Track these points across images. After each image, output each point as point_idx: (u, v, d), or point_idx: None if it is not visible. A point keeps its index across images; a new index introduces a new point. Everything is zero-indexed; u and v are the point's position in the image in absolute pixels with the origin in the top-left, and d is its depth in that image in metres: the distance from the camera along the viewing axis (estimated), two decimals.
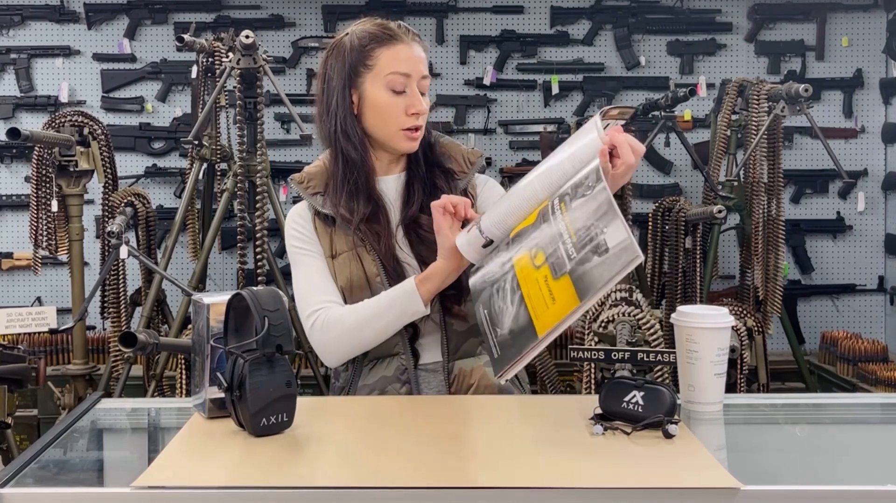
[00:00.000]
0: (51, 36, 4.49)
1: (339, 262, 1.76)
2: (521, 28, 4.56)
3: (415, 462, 1.29)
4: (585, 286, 1.32)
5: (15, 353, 2.85)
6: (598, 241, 1.32)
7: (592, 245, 1.33)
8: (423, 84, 1.76)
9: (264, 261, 3.32)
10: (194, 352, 1.55)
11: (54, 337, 3.89)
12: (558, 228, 1.40)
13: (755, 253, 3.79)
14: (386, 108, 1.74)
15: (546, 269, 1.39)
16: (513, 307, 1.43)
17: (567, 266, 1.35)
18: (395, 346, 1.75)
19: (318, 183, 1.82)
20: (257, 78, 3.25)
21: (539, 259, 1.41)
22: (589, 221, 1.35)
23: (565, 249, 1.37)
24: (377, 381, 1.77)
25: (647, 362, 1.61)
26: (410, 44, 1.76)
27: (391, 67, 1.74)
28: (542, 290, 1.38)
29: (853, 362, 3.90)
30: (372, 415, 1.55)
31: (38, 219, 3.47)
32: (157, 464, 1.29)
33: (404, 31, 1.77)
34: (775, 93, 3.59)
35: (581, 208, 1.38)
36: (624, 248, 1.29)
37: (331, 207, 1.78)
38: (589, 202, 1.37)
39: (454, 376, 1.76)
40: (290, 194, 4.51)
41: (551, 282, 1.37)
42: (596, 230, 1.33)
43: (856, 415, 1.74)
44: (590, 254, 1.33)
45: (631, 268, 1.29)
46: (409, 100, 1.74)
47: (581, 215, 1.37)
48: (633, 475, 1.24)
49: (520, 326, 1.40)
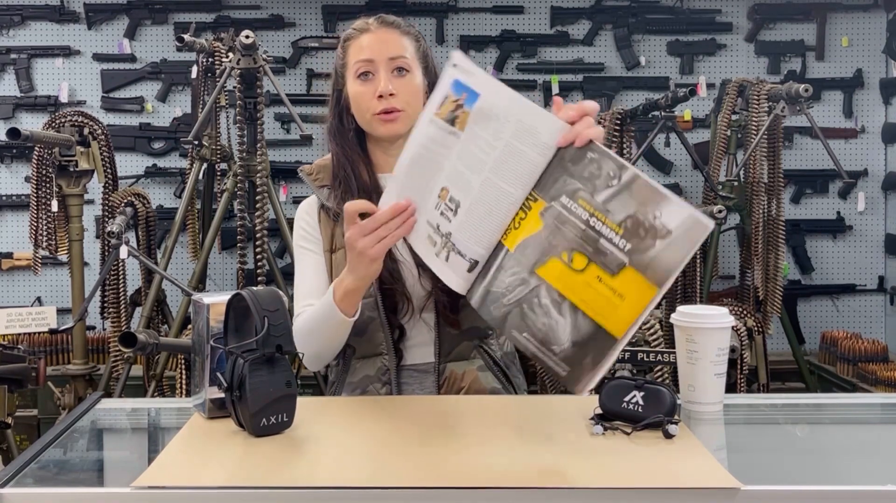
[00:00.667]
0: (51, 36, 4.49)
1: (338, 258, 1.77)
2: (521, 28, 4.56)
3: (415, 462, 1.29)
4: (660, 272, 1.27)
5: (15, 353, 2.86)
6: (655, 226, 1.28)
7: (649, 232, 1.29)
8: (393, 64, 1.72)
9: (264, 261, 3.32)
10: (194, 352, 1.54)
11: (54, 337, 3.89)
12: (590, 225, 1.34)
13: (755, 253, 3.80)
14: (356, 98, 1.75)
15: (595, 269, 1.32)
16: (565, 318, 1.34)
17: (624, 259, 1.30)
18: (380, 346, 1.75)
19: (325, 176, 1.82)
20: (257, 78, 3.25)
21: (579, 262, 1.34)
22: (632, 210, 1.30)
23: (612, 244, 1.31)
24: (360, 380, 1.77)
25: (647, 362, 1.62)
26: (377, 31, 1.76)
27: (355, 57, 1.75)
28: (599, 292, 1.31)
29: (853, 362, 3.90)
30: (372, 415, 1.55)
31: (38, 219, 3.47)
32: (157, 464, 1.29)
33: (377, 22, 1.77)
34: (775, 93, 3.59)
35: (614, 200, 1.32)
36: (690, 226, 1.27)
37: (332, 201, 1.79)
38: (623, 193, 1.31)
39: (445, 378, 1.75)
40: (291, 194, 4.51)
41: (610, 280, 1.30)
42: (646, 217, 1.29)
43: (856, 415, 1.74)
44: (650, 241, 1.28)
45: (703, 238, 1.28)
46: (376, 84, 1.73)
47: (618, 206, 1.32)
48: (633, 475, 1.24)
49: (585, 335, 1.32)
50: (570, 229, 1.35)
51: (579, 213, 1.34)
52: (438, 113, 1.48)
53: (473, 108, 1.45)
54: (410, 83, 1.74)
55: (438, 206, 1.48)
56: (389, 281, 1.71)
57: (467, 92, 1.46)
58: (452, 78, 1.48)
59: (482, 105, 1.45)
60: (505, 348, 1.84)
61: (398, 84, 1.72)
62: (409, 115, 1.73)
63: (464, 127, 1.46)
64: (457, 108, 1.47)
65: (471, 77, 1.46)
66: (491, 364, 1.79)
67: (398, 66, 1.73)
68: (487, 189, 1.44)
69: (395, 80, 1.72)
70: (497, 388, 1.78)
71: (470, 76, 1.46)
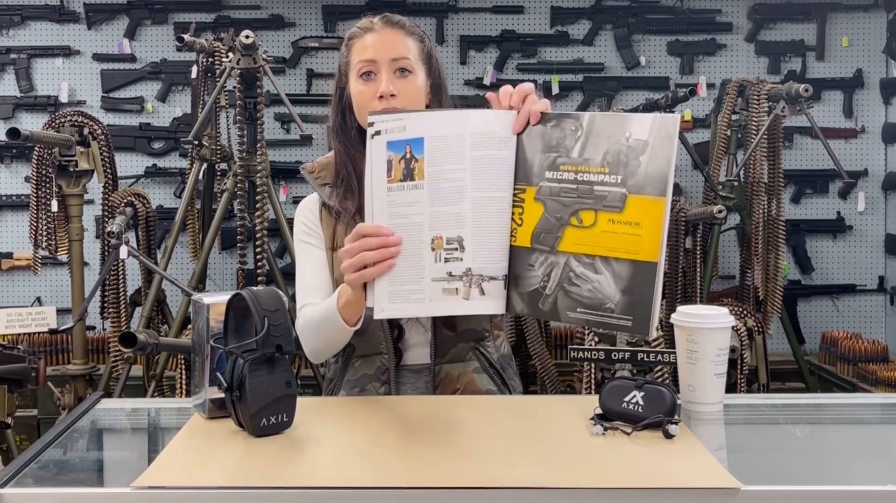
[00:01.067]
0: (51, 36, 4.49)
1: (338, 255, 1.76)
2: (521, 28, 4.56)
3: (414, 462, 1.29)
4: (657, 181, 1.31)
5: (15, 353, 2.86)
6: (631, 146, 1.33)
7: (629, 154, 1.33)
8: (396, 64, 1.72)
9: (264, 261, 3.32)
10: (194, 352, 1.54)
11: (54, 337, 3.89)
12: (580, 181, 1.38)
13: (755, 253, 3.80)
14: (357, 97, 1.75)
15: (604, 215, 1.36)
16: (603, 274, 1.37)
17: (622, 190, 1.34)
18: (379, 345, 1.75)
19: (327, 174, 1.82)
20: (257, 78, 3.25)
21: (588, 218, 1.38)
22: (605, 146, 1.35)
23: (605, 185, 1.36)
24: (359, 379, 1.78)
25: (647, 362, 1.62)
26: (381, 30, 1.75)
27: (357, 57, 1.75)
28: (618, 232, 1.35)
29: (853, 362, 3.90)
30: (372, 415, 1.55)
31: (38, 219, 3.47)
32: (157, 464, 1.29)
33: (381, 22, 1.76)
34: (775, 93, 3.59)
35: (587, 147, 1.37)
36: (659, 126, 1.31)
37: (334, 199, 1.79)
38: (590, 137, 1.37)
39: (440, 379, 1.76)
40: (291, 194, 4.51)
41: (620, 216, 1.35)
42: (619, 144, 1.34)
43: (856, 415, 1.74)
44: (634, 161, 1.33)
45: (677, 130, 1.30)
46: (378, 84, 1.72)
47: (593, 150, 1.37)
48: (633, 475, 1.24)
49: (627, 277, 1.34)
50: (566, 196, 1.40)
51: (566, 177, 1.39)
52: (391, 179, 1.46)
53: (424, 151, 1.44)
54: (412, 84, 1.73)
55: (439, 257, 1.45)
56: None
57: (409, 143, 1.46)
58: (384, 143, 1.47)
59: (430, 143, 1.44)
60: (501, 350, 1.84)
61: (400, 85, 1.71)
62: None
63: (423, 175, 1.45)
64: (406, 163, 1.46)
65: (403, 130, 1.46)
66: (487, 366, 1.79)
67: (401, 67, 1.72)
68: (480, 207, 1.44)
69: (397, 81, 1.72)
70: (492, 390, 1.78)
71: (401, 129, 1.46)
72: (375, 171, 1.47)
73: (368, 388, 1.76)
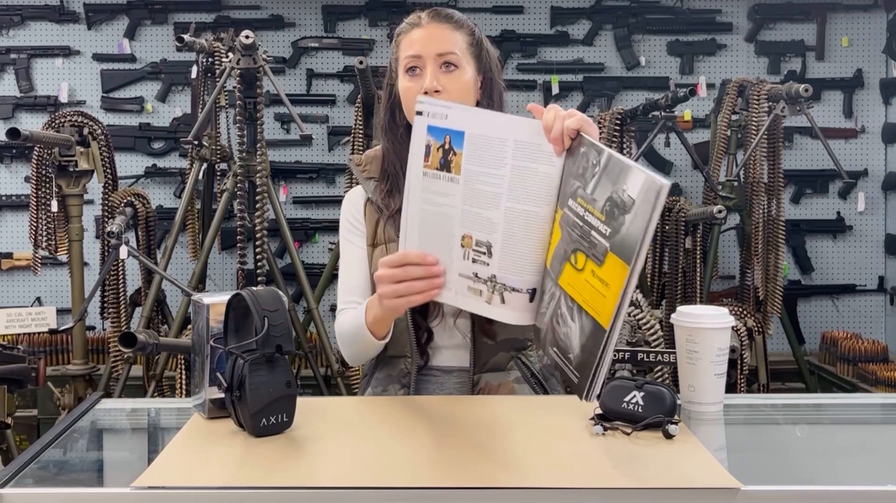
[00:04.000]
0: (51, 36, 4.49)
1: (376, 253, 1.75)
2: (521, 28, 4.56)
3: (415, 462, 1.29)
4: (628, 247, 1.21)
5: (15, 353, 2.85)
6: (624, 201, 1.22)
7: (621, 209, 1.23)
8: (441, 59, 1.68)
9: (264, 261, 3.32)
10: (194, 352, 1.54)
11: (54, 337, 3.89)
12: (585, 220, 1.31)
13: (755, 253, 3.80)
14: (405, 93, 1.72)
15: (590, 264, 1.29)
16: (576, 323, 1.32)
17: (606, 244, 1.25)
18: (405, 348, 1.74)
19: (373, 168, 1.80)
20: (257, 78, 3.25)
21: (581, 261, 1.31)
22: (609, 191, 1.26)
23: (598, 233, 1.27)
24: (384, 379, 1.77)
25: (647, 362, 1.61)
26: (427, 25, 1.72)
27: (405, 52, 1.72)
28: (593, 285, 1.28)
29: (853, 362, 3.90)
30: (372, 415, 1.55)
31: (38, 219, 3.47)
32: (157, 464, 1.29)
33: (428, 16, 1.73)
34: (775, 93, 3.59)
35: (599, 188, 1.29)
36: (646, 189, 1.19)
37: (377, 194, 1.77)
38: (603, 178, 1.28)
39: (479, 389, 1.73)
40: (291, 194, 4.51)
41: (599, 270, 1.27)
42: (618, 195, 1.24)
43: (856, 415, 1.74)
44: (621, 218, 1.23)
45: (661, 200, 1.18)
46: (423, 80, 1.69)
47: (601, 192, 1.28)
48: (633, 475, 1.24)
49: (587, 334, 1.29)
50: (574, 230, 1.33)
51: (579, 212, 1.33)
52: (428, 164, 1.45)
53: (463, 147, 1.42)
54: (459, 79, 1.69)
55: (467, 255, 1.44)
56: None
57: (449, 134, 1.43)
58: (425, 126, 1.44)
59: (471, 140, 1.42)
60: (544, 360, 1.81)
61: (446, 80, 1.68)
62: None
63: (459, 170, 1.42)
64: (445, 153, 1.43)
65: (445, 118, 1.43)
66: (528, 376, 1.76)
67: (446, 62, 1.69)
68: (513, 218, 1.40)
69: (443, 76, 1.68)
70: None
71: (444, 118, 1.43)
72: (414, 152, 1.46)
73: (389, 389, 1.76)
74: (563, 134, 1.37)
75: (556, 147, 1.39)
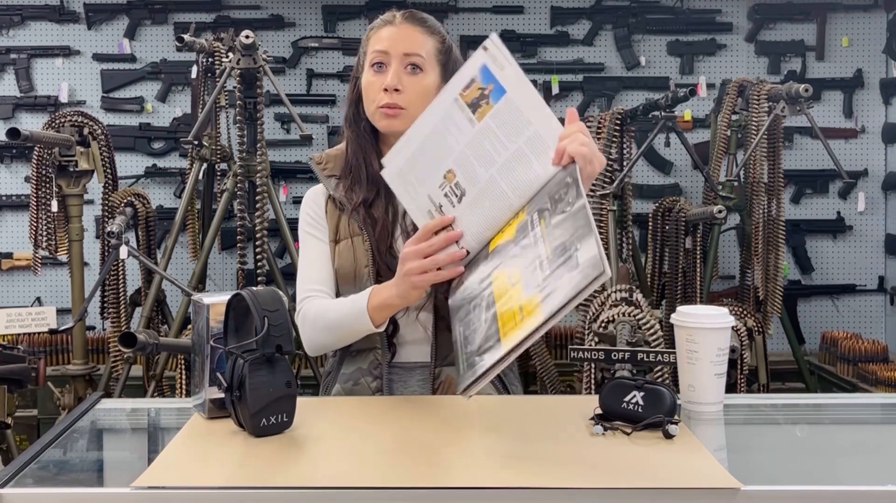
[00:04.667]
0: (51, 36, 4.49)
1: (340, 248, 1.77)
2: (521, 28, 4.56)
3: (415, 462, 1.30)
4: (550, 302, 1.26)
5: (15, 353, 2.85)
6: (572, 257, 1.27)
7: (565, 260, 1.28)
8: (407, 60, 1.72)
9: (264, 261, 3.32)
10: (194, 352, 1.54)
11: (54, 337, 3.89)
12: (537, 246, 1.36)
13: (755, 253, 3.79)
14: (366, 87, 1.76)
15: (520, 286, 1.34)
16: (485, 324, 1.38)
17: (539, 282, 1.30)
18: (374, 340, 1.75)
19: (334, 166, 1.82)
20: (257, 78, 3.25)
21: (515, 276, 1.37)
22: (565, 238, 1.30)
23: (540, 266, 1.32)
24: (353, 372, 1.77)
25: (647, 362, 1.61)
26: (400, 25, 1.75)
27: (373, 47, 1.75)
28: (513, 307, 1.33)
29: (853, 362, 3.90)
30: (372, 415, 1.55)
31: (38, 219, 3.47)
32: (157, 464, 1.29)
33: (403, 16, 1.76)
34: (775, 93, 3.59)
35: (560, 226, 1.33)
36: (592, 264, 1.22)
37: (340, 190, 1.79)
38: (568, 219, 1.32)
39: (440, 382, 1.75)
40: (291, 194, 4.51)
41: (522, 298, 1.32)
42: (571, 247, 1.28)
43: (856, 415, 1.74)
44: (562, 270, 1.27)
45: (596, 284, 1.22)
46: (386, 77, 1.72)
47: (560, 233, 1.33)
48: (633, 475, 1.24)
49: (489, 343, 1.35)
50: (526, 244, 1.39)
51: (538, 232, 1.38)
52: (464, 95, 1.49)
53: (498, 103, 1.47)
54: (420, 82, 1.73)
55: (443, 186, 1.53)
56: (387, 275, 1.69)
57: (494, 83, 1.48)
58: (482, 62, 1.48)
59: (506, 103, 1.46)
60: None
61: (408, 81, 1.72)
62: (410, 114, 1.71)
63: (481, 119, 1.48)
64: (481, 97, 1.48)
65: (501, 70, 1.47)
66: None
67: (412, 63, 1.72)
68: (491, 187, 1.48)
69: (406, 77, 1.72)
70: (492, 395, 1.77)
71: (501, 68, 1.47)
72: (458, 79, 1.51)
73: (361, 383, 1.76)
74: (565, 152, 1.42)
75: (555, 156, 1.44)
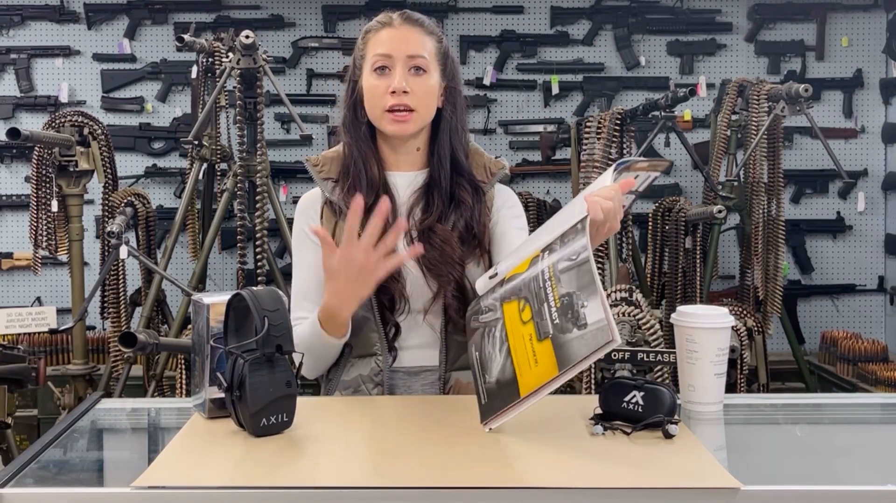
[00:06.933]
0: (51, 36, 4.49)
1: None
2: (521, 28, 4.56)
3: (414, 462, 1.29)
4: (565, 357, 1.29)
5: (15, 353, 2.85)
6: (579, 313, 1.29)
7: (573, 315, 1.30)
8: (411, 62, 1.70)
9: (264, 261, 3.32)
10: (194, 352, 1.54)
11: (54, 337, 3.89)
12: (544, 287, 1.37)
13: (755, 253, 3.79)
14: (370, 91, 1.72)
15: (531, 328, 1.36)
16: (500, 357, 1.41)
17: (549, 330, 1.33)
18: (374, 346, 1.72)
19: (331, 168, 1.79)
20: (257, 78, 3.25)
21: (526, 314, 1.38)
22: (572, 288, 1.31)
23: (549, 312, 1.34)
24: (353, 379, 1.74)
25: (647, 362, 1.62)
26: (399, 26, 1.73)
27: (374, 50, 1.73)
28: (527, 349, 1.36)
29: (853, 362, 3.90)
30: (372, 415, 1.55)
31: (38, 219, 3.47)
32: (157, 464, 1.29)
33: (401, 17, 1.75)
34: (775, 93, 3.59)
35: (566, 273, 1.34)
36: (600, 329, 1.25)
37: (337, 194, 1.76)
38: (574, 270, 1.33)
39: (450, 387, 1.73)
40: (291, 194, 4.51)
41: (535, 342, 1.35)
42: (578, 300, 1.30)
43: (856, 415, 1.74)
44: (570, 324, 1.30)
45: (606, 350, 1.25)
46: (391, 79, 1.70)
47: (566, 280, 1.33)
48: (633, 475, 1.24)
49: (505, 379, 1.39)
50: (534, 282, 1.39)
51: (545, 272, 1.38)
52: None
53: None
54: (426, 83, 1.71)
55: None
56: (388, 278, 1.65)
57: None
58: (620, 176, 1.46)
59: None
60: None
61: (413, 83, 1.70)
62: (420, 115, 1.71)
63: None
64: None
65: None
66: None
67: (416, 65, 1.71)
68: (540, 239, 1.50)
69: (411, 79, 1.70)
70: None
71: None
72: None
73: (362, 390, 1.73)
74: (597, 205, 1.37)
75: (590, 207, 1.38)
